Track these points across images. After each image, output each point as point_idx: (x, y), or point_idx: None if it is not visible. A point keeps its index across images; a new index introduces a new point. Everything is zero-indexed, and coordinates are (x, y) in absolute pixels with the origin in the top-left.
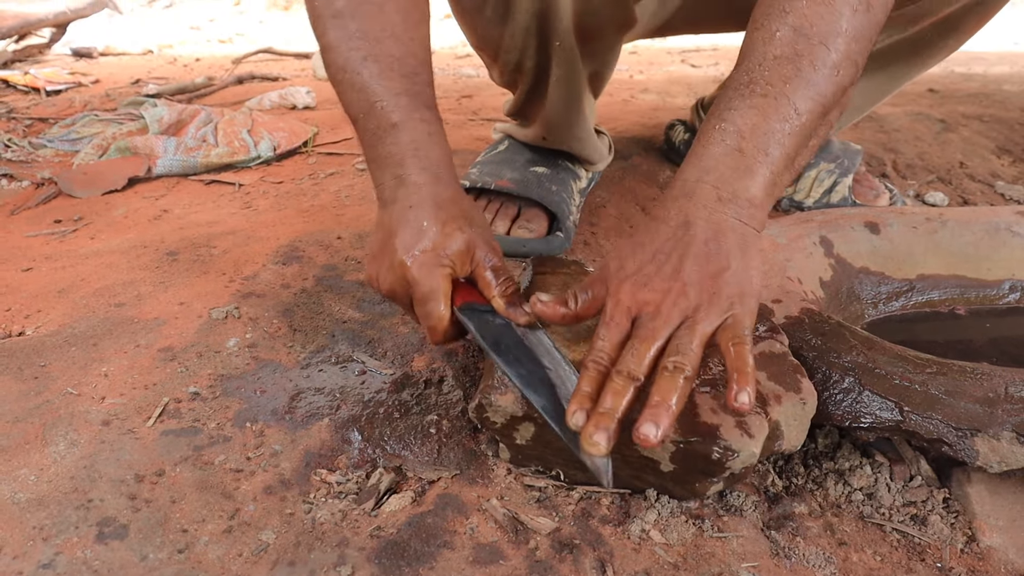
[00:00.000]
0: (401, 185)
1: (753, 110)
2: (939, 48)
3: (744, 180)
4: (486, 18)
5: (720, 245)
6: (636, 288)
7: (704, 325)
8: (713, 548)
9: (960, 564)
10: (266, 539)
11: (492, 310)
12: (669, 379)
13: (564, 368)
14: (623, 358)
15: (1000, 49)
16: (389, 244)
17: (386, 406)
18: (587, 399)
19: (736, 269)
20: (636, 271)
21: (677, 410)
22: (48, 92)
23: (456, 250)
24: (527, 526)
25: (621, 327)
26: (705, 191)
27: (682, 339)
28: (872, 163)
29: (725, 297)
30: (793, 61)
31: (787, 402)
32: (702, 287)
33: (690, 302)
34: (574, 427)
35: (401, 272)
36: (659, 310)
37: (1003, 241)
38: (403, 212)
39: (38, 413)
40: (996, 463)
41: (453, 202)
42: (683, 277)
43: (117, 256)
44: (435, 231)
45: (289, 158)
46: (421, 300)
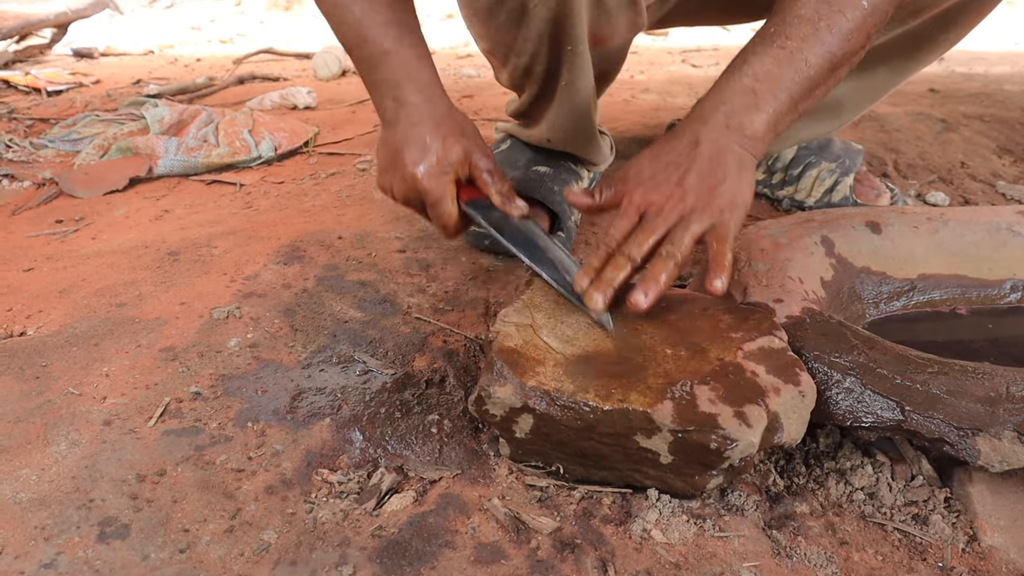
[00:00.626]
0: (401, 106)
1: (770, 58)
2: (939, 42)
3: (751, 115)
4: (500, 22)
5: (721, 163)
6: (647, 191)
7: (696, 226)
8: (714, 548)
9: (961, 563)
10: (267, 539)
11: (491, 204)
12: (661, 262)
13: (555, 248)
14: (626, 243)
15: (1001, 49)
16: (399, 159)
17: (387, 406)
18: (593, 270)
19: (731, 184)
20: (649, 177)
21: (664, 286)
22: (49, 92)
23: (456, 159)
24: (528, 526)
25: (631, 220)
26: (717, 118)
27: (676, 233)
28: (873, 163)
29: (717, 205)
30: (813, 22)
31: (786, 394)
32: (699, 194)
33: (687, 205)
34: (579, 290)
35: (413, 183)
36: (661, 209)
37: (1004, 241)
38: (407, 130)
39: (39, 413)
40: (997, 462)
41: (448, 117)
42: (685, 185)
43: (118, 256)
44: (437, 145)
45: (290, 158)
46: (433, 204)
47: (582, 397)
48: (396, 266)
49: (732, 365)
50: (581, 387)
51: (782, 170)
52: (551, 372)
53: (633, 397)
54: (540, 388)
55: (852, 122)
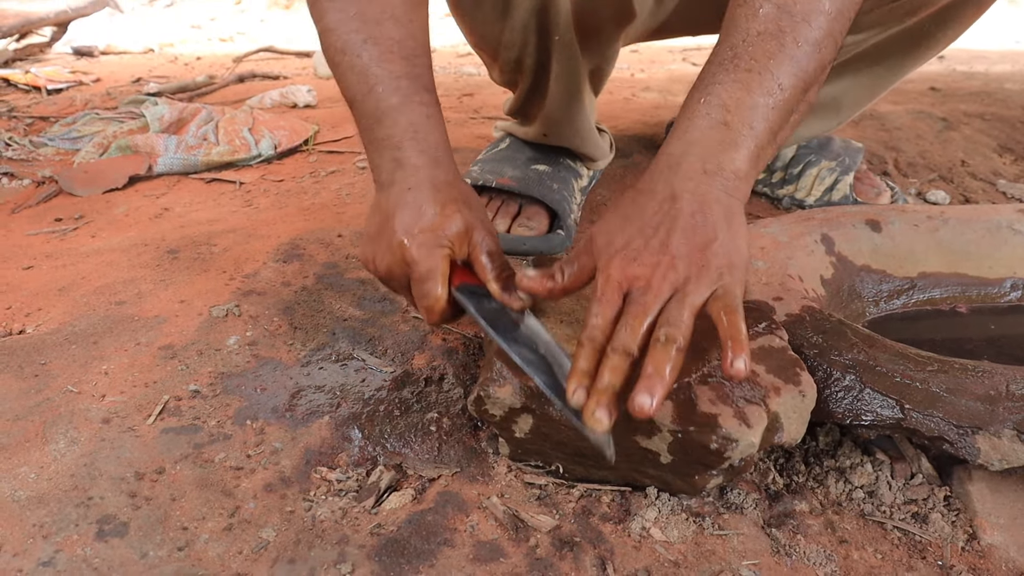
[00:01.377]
0: (399, 167)
1: (738, 84)
2: (937, 39)
3: (729, 153)
4: (484, 15)
5: (707, 217)
6: (626, 263)
7: (694, 297)
8: (714, 546)
9: (961, 562)
10: (266, 537)
11: (488, 293)
12: (662, 350)
13: (558, 352)
14: (617, 334)
15: (1002, 47)
16: (388, 226)
17: (386, 404)
18: (585, 376)
19: (723, 240)
20: (624, 245)
21: (671, 380)
22: (49, 91)
23: (455, 232)
24: (527, 524)
25: (613, 303)
26: (691, 164)
27: (673, 311)
28: (873, 161)
29: (714, 268)
30: (777, 37)
31: (786, 394)
32: (691, 259)
33: (679, 275)
34: (575, 405)
35: (400, 253)
36: (650, 284)
37: (1004, 239)
38: (401, 194)
39: (38, 411)
40: (997, 461)
41: (451, 185)
42: (671, 250)
43: (118, 254)
44: (434, 212)
45: (290, 156)
46: (419, 280)
47: None
48: None
49: None
50: None
51: (782, 169)
52: None
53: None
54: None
55: (852, 120)
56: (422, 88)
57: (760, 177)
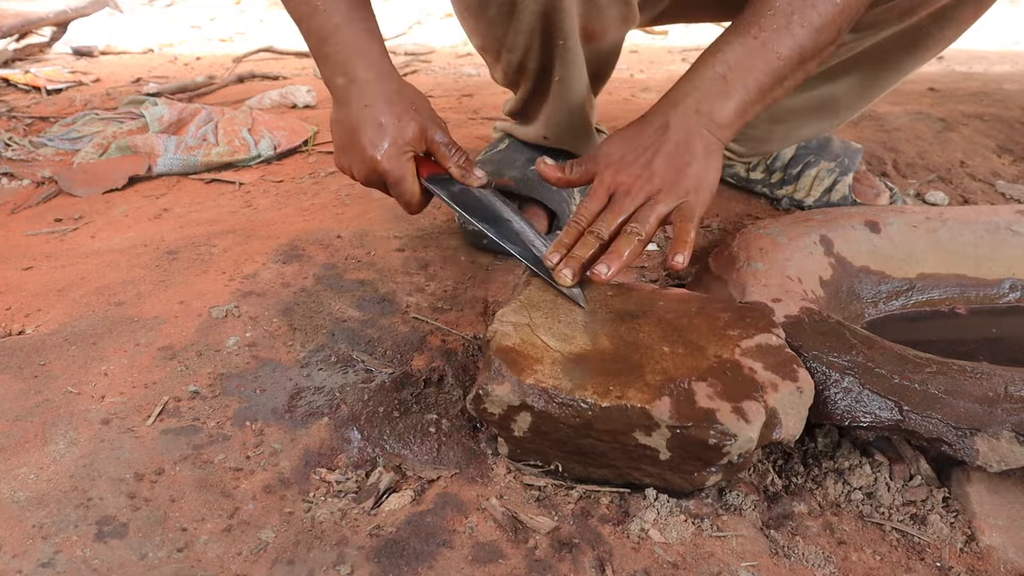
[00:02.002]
0: (352, 83)
1: (742, 48)
2: (936, 40)
3: (721, 101)
4: (490, 18)
5: (689, 147)
6: (616, 171)
7: (662, 206)
8: (712, 547)
9: (959, 563)
10: (265, 538)
11: (451, 177)
12: (626, 239)
13: (518, 220)
14: (596, 223)
15: (1001, 48)
16: (355, 141)
17: (386, 405)
18: (564, 247)
19: (697, 166)
20: (619, 159)
21: (627, 261)
22: (49, 91)
23: (412, 136)
24: (526, 525)
25: (600, 200)
26: (687, 104)
27: (642, 212)
28: (872, 162)
29: (683, 187)
30: (786, 15)
31: (783, 390)
32: (666, 176)
33: (654, 186)
34: (550, 265)
35: (372, 165)
36: (629, 190)
37: (1003, 240)
38: (360, 111)
39: (38, 412)
40: (995, 462)
41: (399, 93)
42: (653, 167)
43: (117, 255)
44: (392, 124)
45: (289, 157)
46: (395, 184)
47: (580, 394)
48: (395, 265)
49: (730, 362)
50: (579, 384)
51: (781, 169)
52: (549, 370)
53: (631, 394)
54: (538, 386)
55: (851, 121)
56: (359, 6)
57: (759, 177)
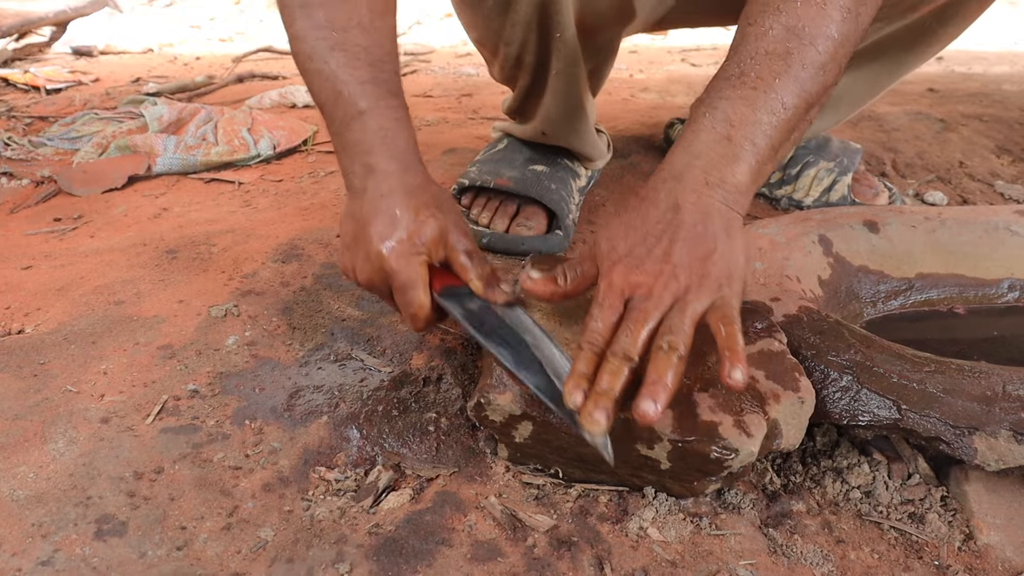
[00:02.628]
0: (371, 174)
1: (743, 101)
2: (938, 37)
3: (731, 167)
4: (487, 10)
5: (707, 228)
6: (628, 270)
7: (695, 305)
8: (711, 546)
9: (957, 562)
10: (265, 536)
11: (470, 292)
12: (664, 358)
13: (547, 344)
14: (618, 339)
15: (1001, 48)
16: (364, 234)
17: (385, 404)
18: (584, 379)
19: (723, 251)
20: (627, 253)
21: (673, 387)
22: (48, 90)
23: (430, 237)
24: (525, 524)
25: (615, 308)
26: (694, 175)
27: (674, 319)
28: (871, 162)
29: (714, 278)
30: (784, 58)
31: (785, 400)
32: (692, 269)
33: (680, 284)
34: (573, 406)
35: (379, 263)
36: (651, 292)
37: (1002, 240)
38: (375, 201)
39: (37, 411)
40: (994, 461)
41: (423, 189)
42: (673, 259)
43: (117, 254)
44: (408, 219)
45: (289, 156)
46: (401, 289)
47: None
48: None
49: None
50: None
51: (780, 169)
52: None
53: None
54: None
55: (850, 121)
56: (388, 93)
57: None
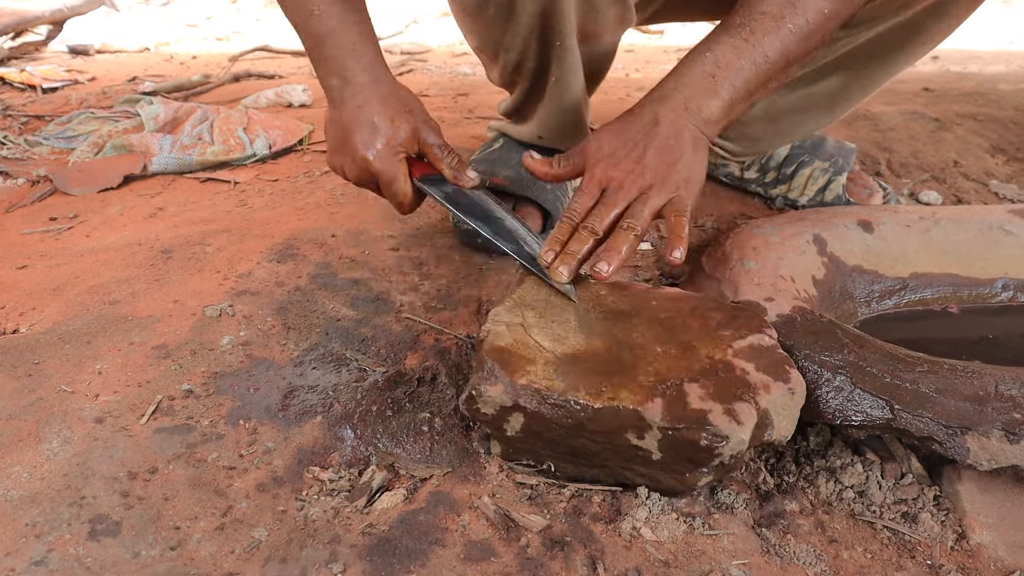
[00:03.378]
0: (347, 85)
1: (731, 48)
2: (931, 34)
3: (708, 99)
4: (488, 18)
5: (678, 142)
6: (607, 166)
7: (655, 200)
8: (704, 546)
9: (950, 561)
10: (258, 536)
11: (444, 178)
12: (623, 234)
13: (510, 219)
14: (589, 217)
15: (996, 48)
16: (349, 141)
17: (379, 404)
18: (558, 243)
19: (687, 161)
20: (610, 153)
21: (625, 257)
22: (44, 89)
23: (405, 137)
24: (518, 523)
25: (592, 195)
26: (676, 99)
27: (636, 207)
28: (866, 162)
29: (674, 181)
30: (776, 20)
31: (775, 391)
32: (658, 171)
33: (646, 181)
34: (545, 263)
35: (364, 166)
36: (622, 185)
37: (996, 240)
38: (354, 112)
39: (32, 410)
40: (986, 461)
41: (393, 95)
42: (644, 162)
43: (112, 254)
44: (385, 125)
45: (284, 156)
46: (387, 184)
47: (572, 395)
48: (389, 264)
49: (722, 363)
50: (571, 385)
51: (775, 169)
52: (541, 371)
53: (623, 395)
54: (531, 387)
55: (846, 120)
56: (353, 9)
57: (753, 177)
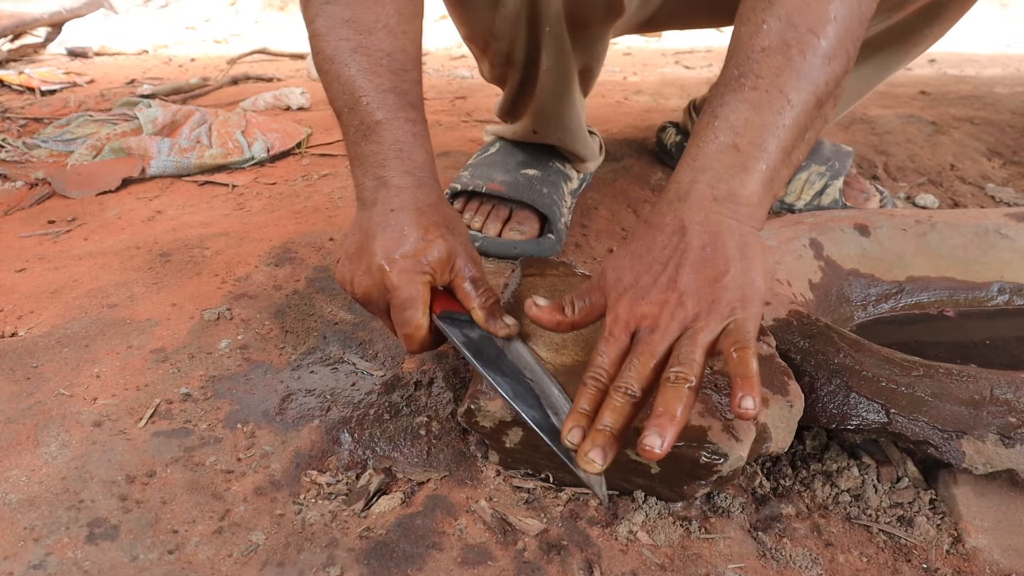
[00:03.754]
0: (383, 187)
1: (745, 104)
2: (924, 36)
3: (740, 177)
4: (476, 4)
5: (717, 249)
6: (634, 301)
7: (704, 334)
8: (700, 549)
9: (946, 565)
10: (256, 540)
11: (470, 320)
12: (672, 390)
13: (546, 380)
14: (622, 374)
15: (992, 51)
16: (367, 247)
17: (376, 408)
18: (584, 416)
19: (736, 272)
20: (633, 283)
21: (682, 420)
22: (43, 92)
23: (437, 258)
24: (515, 527)
25: (620, 342)
26: (700, 192)
27: (683, 349)
28: (863, 165)
29: (725, 303)
30: (783, 51)
31: (774, 405)
32: (700, 295)
33: (688, 312)
34: (570, 445)
35: (380, 277)
36: (657, 323)
37: (992, 243)
38: (384, 215)
39: (30, 414)
40: (981, 464)
41: (435, 208)
42: (680, 287)
43: (110, 257)
44: (416, 236)
45: (283, 159)
46: (399, 307)
47: None
48: None
49: (720, 374)
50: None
51: None
52: None
53: None
54: None
55: (842, 124)
56: (408, 104)
57: None
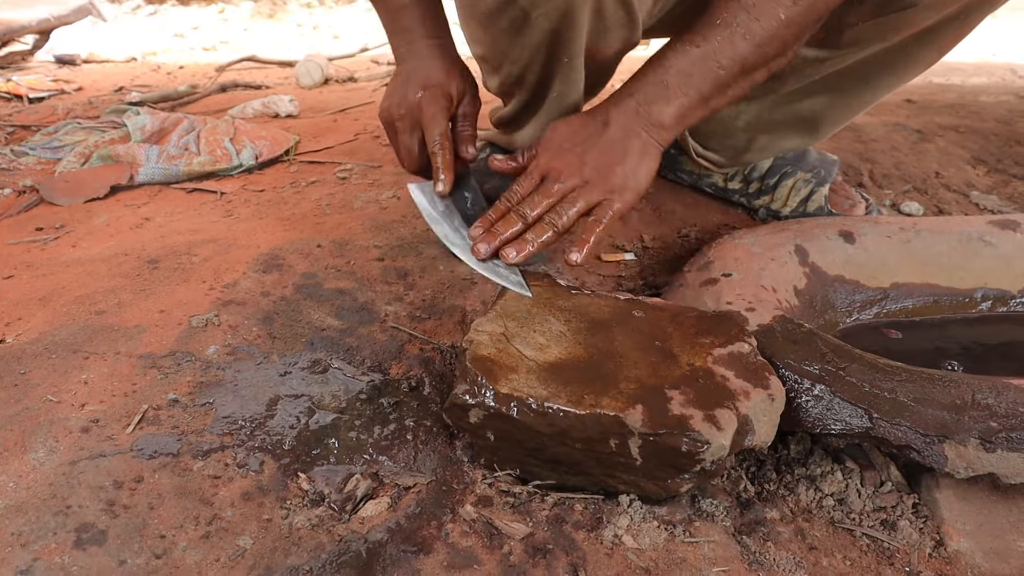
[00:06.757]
0: (413, 44)
1: (686, 56)
2: (918, 60)
3: (661, 105)
4: (499, 29)
5: (625, 145)
6: (552, 156)
7: (582, 201)
8: (685, 553)
9: (928, 568)
10: (243, 545)
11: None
12: (541, 227)
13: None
14: (523, 203)
15: (978, 59)
16: (408, 84)
17: (363, 413)
18: (489, 223)
19: (629, 166)
20: (558, 146)
21: (535, 251)
22: (31, 99)
23: (455, 91)
24: (501, 531)
25: (533, 181)
26: (629, 104)
27: (563, 204)
28: (849, 173)
29: (610, 183)
30: (729, 27)
31: (755, 397)
32: (595, 169)
33: (582, 177)
34: (471, 238)
35: (415, 100)
36: (559, 177)
37: (976, 250)
38: (416, 63)
39: (18, 420)
40: (963, 469)
41: (455, 62)
42: (585, 159)
43: (98, 264)
44: (440, 75)
45: (271, 166)
46: (429, 120)
47: (554, 403)
48: (374, 274)
49: (702, 370)
50: (553, 393)
51: (758, 180)
52: (524, 379)
53: (605, 402)
54: (513, 395)
55: None
56: None
57: (737, 187)
